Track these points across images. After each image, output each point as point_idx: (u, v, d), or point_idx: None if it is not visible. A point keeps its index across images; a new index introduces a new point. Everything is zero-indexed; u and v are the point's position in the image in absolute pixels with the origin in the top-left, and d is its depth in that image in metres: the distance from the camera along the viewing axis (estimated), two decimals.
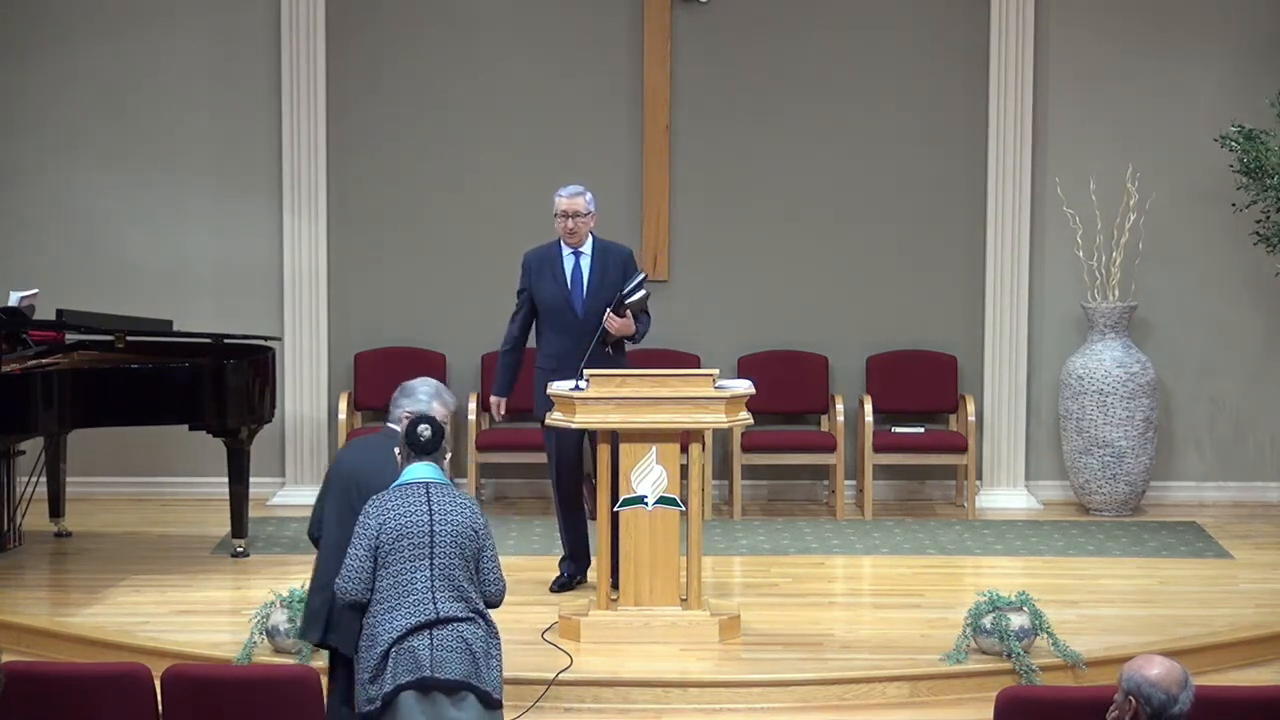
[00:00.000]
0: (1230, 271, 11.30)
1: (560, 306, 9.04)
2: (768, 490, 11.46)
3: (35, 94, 11.29)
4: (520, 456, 11.10)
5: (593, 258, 9.08)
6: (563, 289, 9.05)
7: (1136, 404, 10.92)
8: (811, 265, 11.42)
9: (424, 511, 6.19)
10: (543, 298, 9.07)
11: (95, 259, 11.32)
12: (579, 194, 9.09)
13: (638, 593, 8.44)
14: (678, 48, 11.28)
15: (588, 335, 8.86)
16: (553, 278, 9.06)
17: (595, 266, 9.06)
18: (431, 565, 6.15)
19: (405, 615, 6.11)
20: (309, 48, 11.21)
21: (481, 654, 6.14)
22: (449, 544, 6.17)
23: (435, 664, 6.06)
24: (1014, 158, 11.25)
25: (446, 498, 6.24)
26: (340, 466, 6.80)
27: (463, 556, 6.19)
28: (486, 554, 6.27)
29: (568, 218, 9.05)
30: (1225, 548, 10.28)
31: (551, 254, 9.14)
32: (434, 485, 6.26)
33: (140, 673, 6.45)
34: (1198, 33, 11.26)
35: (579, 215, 9.05)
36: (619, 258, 9.12)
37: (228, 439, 9.75)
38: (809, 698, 7.97)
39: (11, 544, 10.01)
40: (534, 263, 9.18)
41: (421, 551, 6.15)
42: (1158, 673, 5.38)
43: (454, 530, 6.18)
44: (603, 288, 9.00)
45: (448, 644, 6.08)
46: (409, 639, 6.08)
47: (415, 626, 6.08)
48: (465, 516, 6.23)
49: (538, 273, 9.12)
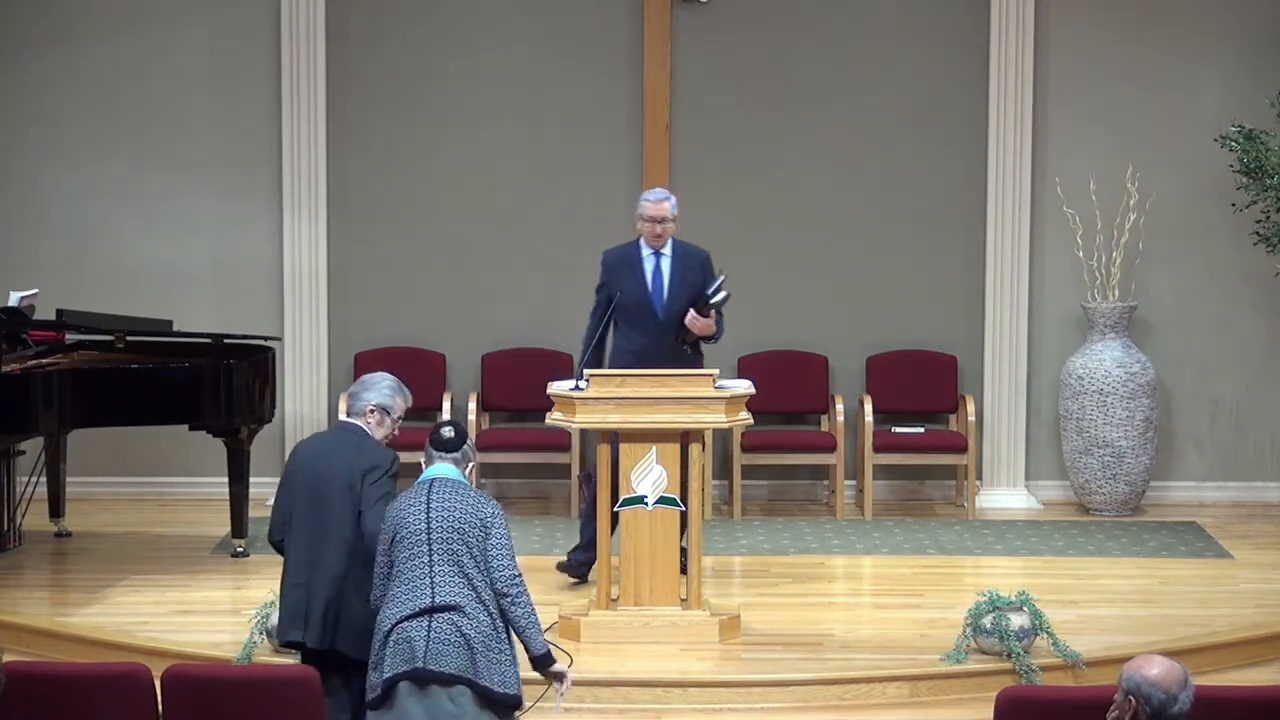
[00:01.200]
0: (1230, 271, 11.30)
1: (642, 306, 9.11)
2: (768, 490, 11.45)
3: (35, 94, 11.29)
4: (520, 456, 11.10)
5: (673, 259, 9.16)
6: (644, 289, 9.12)
7: (1136, 404, 10.92)
8: (811, 265, 11.42)
9: (422, 507, 6.29)
10: (623, 297, 9.09)
11: (95, 259, 11.32)
12: (665, 199, 9.18)
13: (638, 593, 8.44)
14: (678, 48, 11.28)
15: (667, 334, 9.03)
16: (634, 278, 9.13)
17: (676, 267, 9.14)
18: (430, 557, 6.22)
19: (405, 601, 6.21)
20: (309, 48, 11.21)
21: (481, 649, 6.16)
22: (447, 533, 6.24)
23: (430, 655, 6.11)
24: (1014, 158, 11.25)
25: (446, 492, 6.31)
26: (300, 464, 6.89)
27: (465, 545, 6.24)
28: (494, 543, 6.27)
29: (656, 222, 9.13)
30: (1225, 548, 10.28)
31: (631, 254, 9.20)
32: (437, 481, 6.35)
33: (140, 673, 6.45)
34: (1198, 32, 11.26)
35: (666, 220, 9.13)
36: (698, 259, 9.21)
37: (228, 439, 9.76)
38: (809, 698, 7.97)
39: (11, 544, 10.01)
40: (614, 262, 9.23)
41: (420, 546, 6.24)
42: (1157, 672, 5.38)
43: (451, 520, 6.25)
44: (683, 288, 9.09)
45: (444, 635, 6.13)
46: (407, 624, 6.15)
47: (413, 613, 6.16)
48: (465, 507, 6.28)
49: (618, 272, 9.17)
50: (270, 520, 7.00)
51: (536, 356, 11.31)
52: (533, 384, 10.16)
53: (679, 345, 9.04)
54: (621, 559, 8.46)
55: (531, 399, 10.47)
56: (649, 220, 9.15)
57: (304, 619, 6.77)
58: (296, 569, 6.83)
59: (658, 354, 8.90)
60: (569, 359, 11.15)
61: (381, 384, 6.95)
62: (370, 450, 6.82)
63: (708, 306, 9.02)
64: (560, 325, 11.28)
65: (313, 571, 6.79)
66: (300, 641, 6.82)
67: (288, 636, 6.87)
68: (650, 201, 9.20)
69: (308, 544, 6.80)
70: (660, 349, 8.95)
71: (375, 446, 6.86)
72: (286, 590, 6.87)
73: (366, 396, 6.91)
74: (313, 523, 6.78)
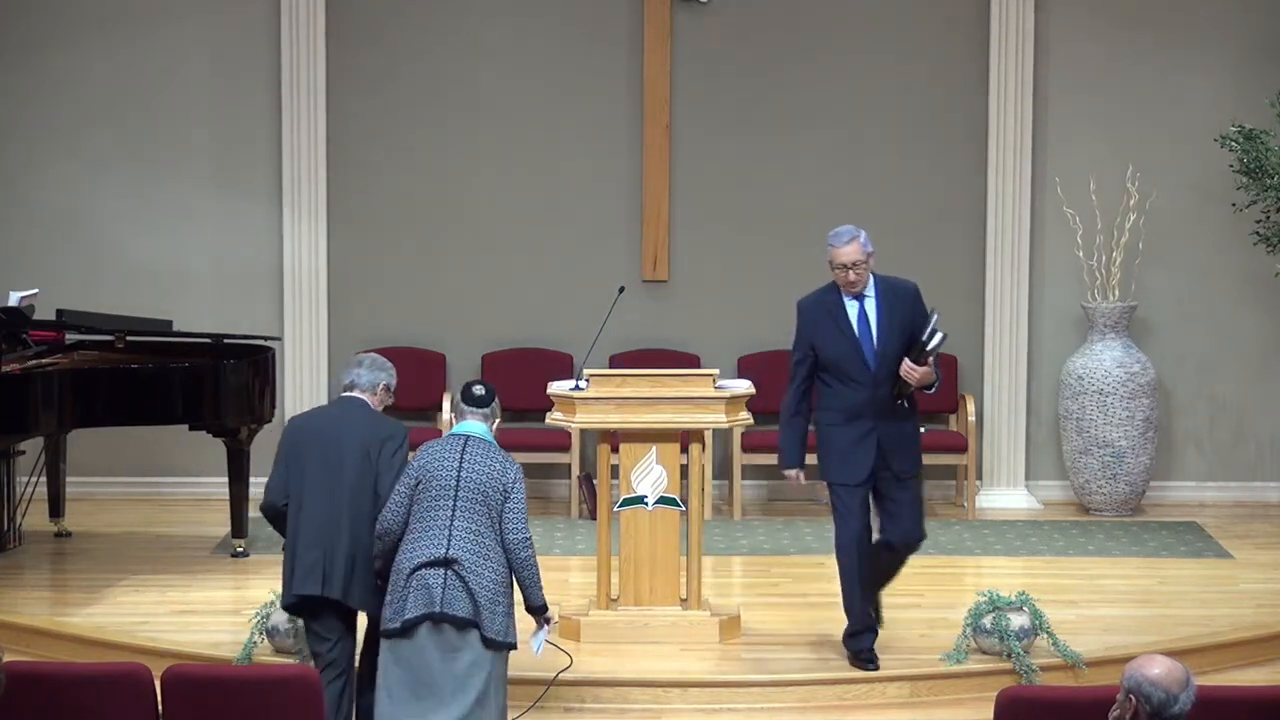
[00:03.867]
0: (1230, 271, 11.30)
1: (849, 359, 7.97)
2: (768, 490, 11.46)
3: (35, 95, 11.29)
4: (520, 456, 10.98)
5: (878, 299, 8.03)
6: (850, 340, 7.97)
7: (1136, 404, 10.92)
8: (812, 265, 11.37)
9: (455, 460, 6.84)
10: (828, 351, 7.98)
11: (95, 259, 11.32)
12: (854, 238, 8.00)
13: (638, 593, 8.44)
14: (678, 48, 11.28)
15: (882, 387, 7.96)
16: (837, 328, 7.98)
17: (883, 308, 8.01)
18: (454, 508, 6.78)
19: (425, 548, 6.75)
20: (309, 48, 11.21)
21: (486, 602, 6.71)
22: (472, 492, 6.79)
23: (445, 601, 6.68)
24: (1014, 158, 11.26)
25: (479, 451, 6.87)
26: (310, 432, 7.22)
27: (486, 505, 6.79)
28: (511, 505, 6.82)
29: (847, 269, 7.98)
30: (1225, 548, 10.28)
31: (830, 300, 8.05)
32: (472, 439, 6.91)
33: (140, 673, 6.44)
34: (1198, 33, 11.27)
35: (858, 264, 7.98)
36: (907, 294, 8.09)
37: (227, 439, 9.76)
38: (809, 698, 7.97)
39: (11, 544, 10.01)
40: (811, 313, 8.07)
41: (447, 495, 6.80)
42: (1158, 672, 5.38)
43: (479, 480, 6.80)
44: (892, 332, 7.98)
45: (455, 585, 6.68)
46: (426, 571, 6.71)
47: (430, 561, 6.71)
48: (494, 470, 6.83)
49: (817, 323, 8.02)
50: (268, 485, 7.21)
51: (536, 356, 11.32)
52: (533, 384, 10.19)
53: (894, 399, 7.99)
54: (621, 559, 8.46)
55: (532, 399, 10.48)
56: (839, 268, 8.01)
57: (322, 575, 7.06)
58: (311, 529, 7.09)
59: (873, 410, 7.93)
60: (569, 359, 11.17)
61: (387, 365, 7.39)
62: (384, 421, 7.25)
63: (925, 354, 7.93)
64: (560, 325, 11.30)
65: (332, 532, 7.07)
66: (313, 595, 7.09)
67: (304, 590, 7.10)
68: (838, 246, 8.01)
69: (325, 506, 7.09)
70: (875, 404, 7.93)
71: (386, 418, 7.30)
72: (301, 550, 7.11)
73: (379, 376, 7.33)
74: (329, 486, 7.10)
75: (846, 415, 7.96)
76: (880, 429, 7.96)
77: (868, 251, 7.99)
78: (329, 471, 7.10)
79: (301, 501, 7.13)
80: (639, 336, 11.29)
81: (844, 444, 7.98)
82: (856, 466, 7.97)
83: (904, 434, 8.06)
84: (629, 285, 10.19)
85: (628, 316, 10.73)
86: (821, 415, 8.06)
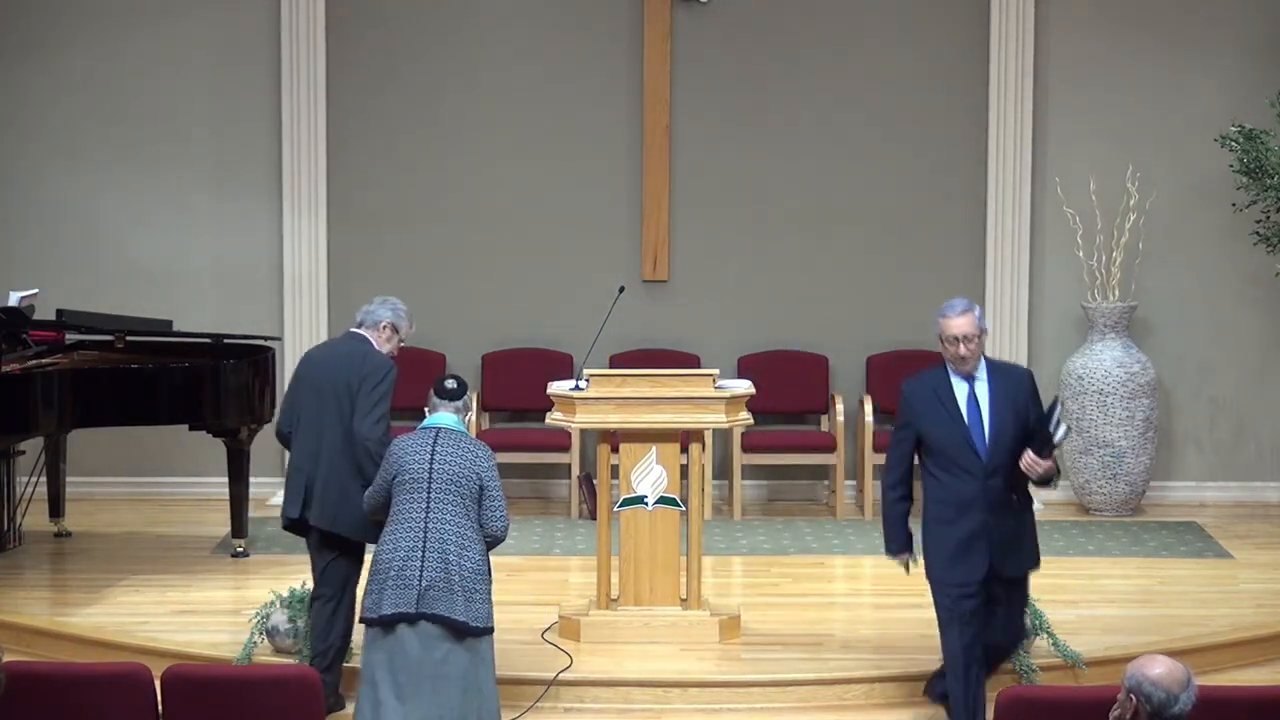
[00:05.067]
0: (1230, 271, 11.30)
1: (959, 448, 7.27)
2: (768, 490, 11.45)
3: (35, 94, 11.29)
4: (520, 456, 11.09)
5: (990, 384, 7.35)
6: (959, 426, 7.29)
7: (1136, 404, 10.92)
8: (811, 265, 11.42)
9: (426, 454, 6.97)
10: (935, 438, 7.31)
11: (95, 259, 11.32)
12: (968, 310, 7.36)
13: (638, 593, 8.44)
14: (678, 48, 11.28)
15: (995, 478, 7.26)
16: (946, 413, 7.31)
17: (996, 394, 7.32)
18: (428, 500, 6.91)
19: (403, 540, 6.89)
20: (309, 48, 11.21)
21: (461, 588, 6.84)
22: (446, 483, 6.93)
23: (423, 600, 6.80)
24: (1014, 158, 11.26)
25: (450, 442, 6.99)
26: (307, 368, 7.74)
27: (460, 495, 6.93)
28: (489, 493, 7.00)
29: (959, 342, 7.30)
30: (1225, 548, 10.28)
31: (938, 382, 7.38)
32: (443, 431, 7.03)
33: (140, 673, 6.45)
34: (1198, 33, 11.26)
35: (970, 338, 7.31)
36: (1021, 381, 7.42)
37: (227, 439, 9.75)
38: (809, 698, 7.97)
39: (11, 544, 10.01)
40: (917, 395, 7.40)
41: (420, 490, 6.93)
42: (1159, 672, 5.38)
43: (452, 471, 6.93)
44: (1006, 418, 7.28)
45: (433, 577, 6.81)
46: (405, 565, 6.84)
47: (409, 551, 6.85)
48: (466, 458, 6.96)
49: (924, 407, 7.35)
50: (279, 414, 7.89)
51: (536, 356, 11.31)
52: (533, 384, 10.18)
53: (1009, 494, 7.31)
54: (621, 559, 8.46)
55: (531, 399, 10.48)
56: (949, 341, 7.32)
57: (303, 499, 7.61)
58: (299, 456, 7.67)
59: (985, 504, 7.22)
60: (569, 359, 11.17)
61: (397, 306, 7.84)
62: (371, 359, 7.61)
63: (1050, 447, 7.22)
64: (560, 325, 11.30)
65: (315, 461, 7.60)
66: (297, 519, 7.65)
67: (287, 514, 7.69)
68: (948, 317, 7.35)
69: (312, 436, 7.62)
70: (988, 498, 7.22)
71: (377, 357, 7.65)
72: (290, 474, 7.72)
73: (381, 312, 7.78)
74: (315, 417, 7.61)
75: (956, 509, 7.25)
76: (993, 525, 7.25)
77: (982, 327, 7.34)
78: (318, 402, 7.59)
79: (295, 429, 7.69)
80: (639, 336, 11.29)
81: (952, 542, 7.26)
82: (967, 568, 7.27)
83: (1019, 531, 7.36)
84: (629, 285, 10.19)
85: (628, 316, 10.73)
86: (928, 508, 7.35)
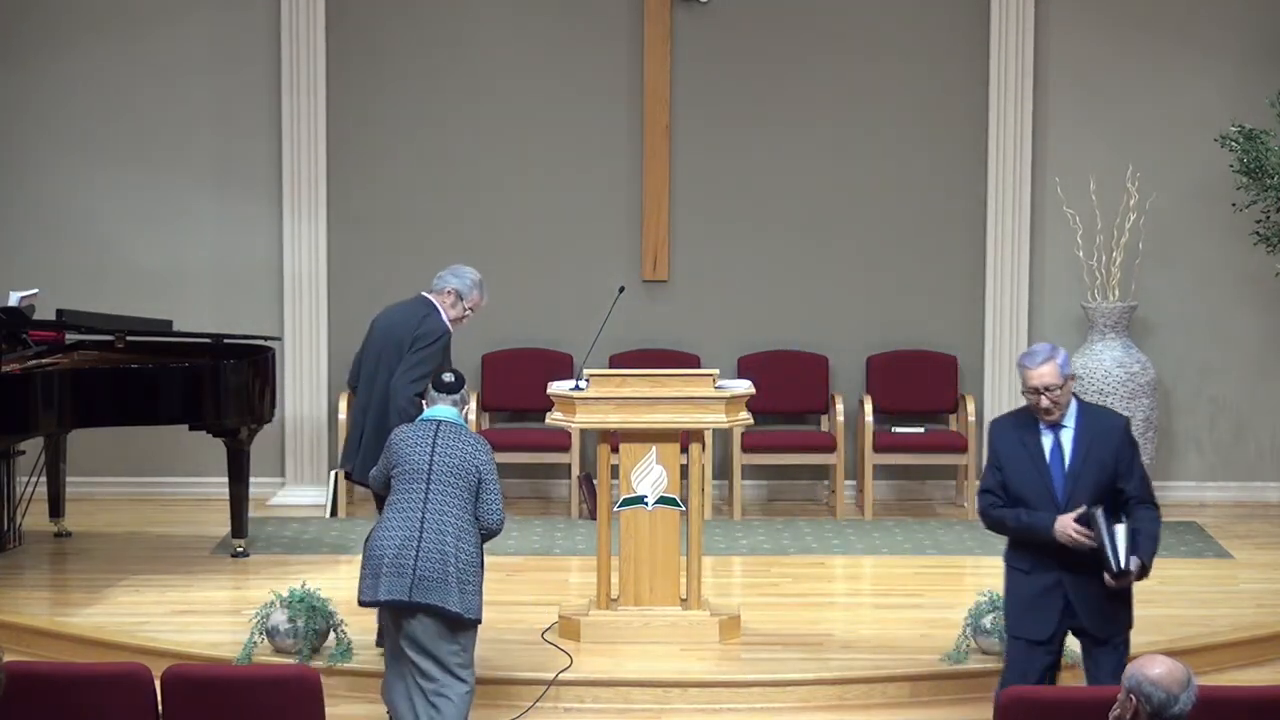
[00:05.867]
0: (1230, 271, 11.30)
1: (1038, 497, 6.77)
2: (768, 490, 11.46)
3: (35, 95, 11.29)
4: (520, 456, 11.09)
5: (1077, 431, 6.79)
6: (1042, 475, 6.79)
7: (1136, 404, 10.92)
8: (811, 265, 11.42)
9: (427, 447, 7.08)
10: (1016, 484, 6.83)
11: (95, 259, 11.32)
12: (1049, 358, 6.75)
13: (638, 593, 8.44)
14: (678, 48, 11.28)
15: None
16: (1029, 459, 6.81)
17: (1081, 443, 6.78)
18: (427, 491, 7.01)
19: (399, 529, 6.98)
20: (309, 48, 11.21)
21: (456, 578, 6.92)
22: (445, 475, 7.03)
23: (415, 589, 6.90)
24: (1014, 158, 11.26)
25: (451, 435, 7.10)
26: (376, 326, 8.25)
27: (458, 488, 7.03)
28: (486, 487, 7.10)
29: (1039, 393, 6.75)
30: (1225, 548, 10.28)
31: (1025, 426, 6.84)
32: (444, 425, 7.13)
33: (140, 673, 6.44)
34: (1198, 33, 11.26)
35: (1053, 389, 6.73)
36: (1111, 431, 6.81)
37: (228, 439, 9.75)
38: (809, 698, 7.97)
39: (11, 544, 10.01)
40: (1003, 439, 6.91)
41: (419, 482, 7.04)
42: (1159, 672, 5.38)
43: (451, 465, 7.04)
44: (1088, 471, 6.74)
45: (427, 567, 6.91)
46: (400, 554, 6.94)
47: (405, 540, 6.95)
48: (465, 453, 7.07)
49: (1008, 450, 6.87)
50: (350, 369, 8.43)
51: (536, 356, 11.31)
52: (533, 384, 10.18)
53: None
54: (621, 559, 8.46)
55: (531, 399, 10.48)
56: (1030, 392, 6.78)
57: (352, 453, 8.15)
58: (356, 410, 8.23)
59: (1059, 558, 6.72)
60: (569, 359, 11.17)
61: (465, 274, 8.26)
62: (429, 321, 8.06)
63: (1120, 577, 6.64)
64: (560, 325, 11.30)
65: (364, 414, 8.11)
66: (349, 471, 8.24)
67: (341, 465, 8.46)
68: (1029, 367, 6.77)
69: (366, 391, 8.13)
70: (1063, 551, 6.70)
71: (434, 320, 8.09)
72: (349, 427, 8.33)
73: (448, 279, 8.23)
74: (371, 373, 8.10)
75: (1033, 560, 6.82)
76: (1068, 581, 6.76)
77: (1066, 374, 6.75)
78: (376, 358, 8.08)
79: (359, 384, 8.22)
80: (639, 336, 11.29)
81: (1028, 594, 6.86)
82: (1038, 621, 6.83)
83: (1099, 589, 6.73)
84: (629, 285, 10.20)
85: (628, 316, 10.73)
86: (1008, 552, 6.98)
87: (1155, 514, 6.80)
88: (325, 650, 8.07)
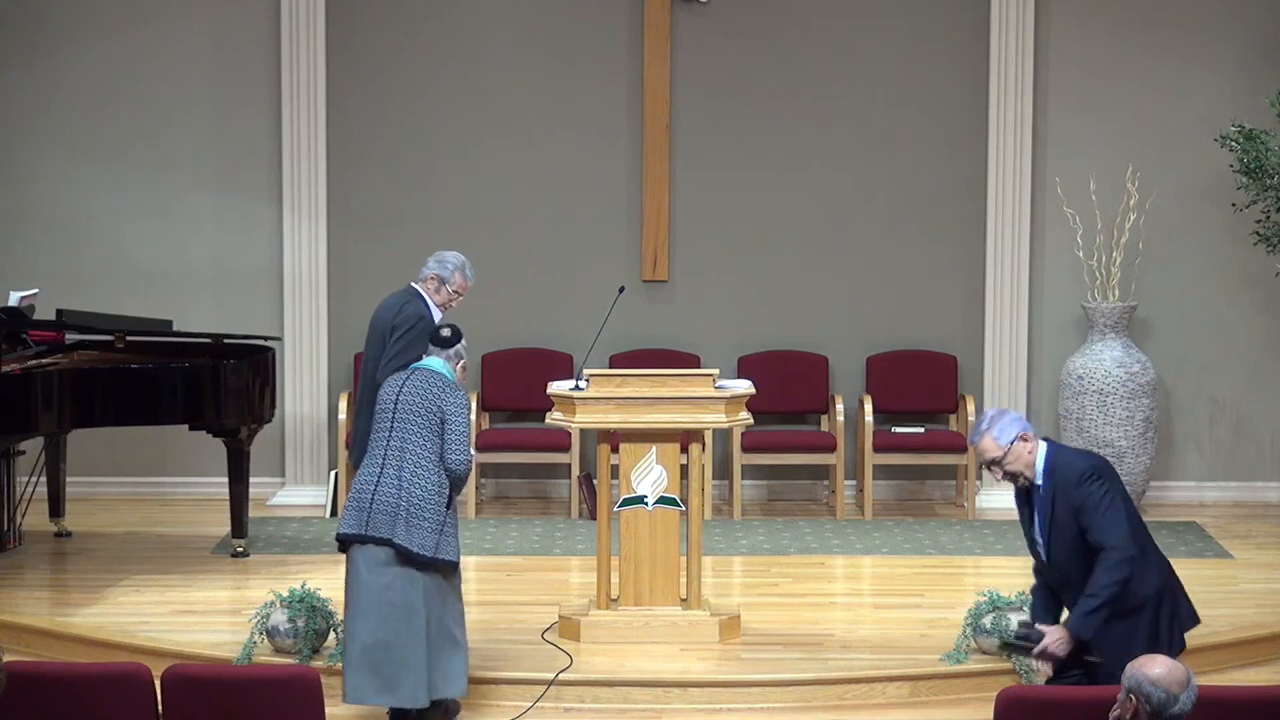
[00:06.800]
0: (1230, 271, 11.30)
1: (1038, 559, 6.82)
2: (768, 490, 11.46)
3: (35, 94, 11.29)
4: (520, 456, 11.10)
5: (1044, 489, 6.67)
6: (1033, 539, 6.79)
7: (1136, 404, 10.92)
8: (811, 265, 11.42)
9: (396, 388, 7.38)
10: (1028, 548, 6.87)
11: (95, 259, 11.32)
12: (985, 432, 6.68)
13: (638, 593, 8.44)
14: (678, 48, 11.28)
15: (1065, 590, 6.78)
16: (1025, 523, 6.80)
17: (1045, 501, 6.68)
18: (390, 431, 7.32)
19: (368, 466, 7.36)
20: (309, 48, 11.21)
21: (406, 514, 7.20)
22: (408, 414, 7.29)
23: (371, 523, 7.24)
24: (1014, 158, 11.26)
25: (420, 379, 7.36)
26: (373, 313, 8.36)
27: (420, 427, 7.28)
28: (450, 426, 7.30)
29: (988, 468, 6.77)
30: (1225, 548, 10.27)
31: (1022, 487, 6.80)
32: (419, 370, 7.42)
33: (140, 673, 6.44)
34: (1198, 32, 11.27)
35: (997, 462, 6.67)
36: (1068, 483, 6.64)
37: (227, 439, 9.75)
38: (809, 698, 7.97)
39: (11, 544, 10.00)
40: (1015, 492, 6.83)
41: (385, 420, 7.36)
42: (1159, 672, 5.38)
43: (414, 405, 7.30)
44: (1060, 526, 6.66)
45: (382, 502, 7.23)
46: (362, 489, 7.30)
47: (369, 476, 7.30)
48: (430, 394, 7.31)
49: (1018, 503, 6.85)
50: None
51: (536, 356, 11.31)
52: (533, 384, 10.19)
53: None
54: (621, 559, 8.46)
55: (531, 399, 10.49)
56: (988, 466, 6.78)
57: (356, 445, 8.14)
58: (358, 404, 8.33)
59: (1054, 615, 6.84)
60: (569, 359, 11.17)
61: (447, 259, 8.32)
62: (406, 309, 8.12)
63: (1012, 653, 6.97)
64: (560, 325, 11.30)
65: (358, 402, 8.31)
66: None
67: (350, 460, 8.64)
68: (972, 443, 6.95)
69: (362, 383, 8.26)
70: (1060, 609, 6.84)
71: (414, 306, 8.14)
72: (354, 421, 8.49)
73: (430, 265, 8.30)
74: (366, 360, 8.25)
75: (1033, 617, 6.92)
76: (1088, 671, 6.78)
77: (1008, 442, 6.61)
78: (368, 348, 8.21)
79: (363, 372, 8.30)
80: (639, 336, 11.29)
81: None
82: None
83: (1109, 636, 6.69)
84: (629, 285, 10.20)
85: (628, 316, 10.73)
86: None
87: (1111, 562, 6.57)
88: (325, 650, 8.07)
